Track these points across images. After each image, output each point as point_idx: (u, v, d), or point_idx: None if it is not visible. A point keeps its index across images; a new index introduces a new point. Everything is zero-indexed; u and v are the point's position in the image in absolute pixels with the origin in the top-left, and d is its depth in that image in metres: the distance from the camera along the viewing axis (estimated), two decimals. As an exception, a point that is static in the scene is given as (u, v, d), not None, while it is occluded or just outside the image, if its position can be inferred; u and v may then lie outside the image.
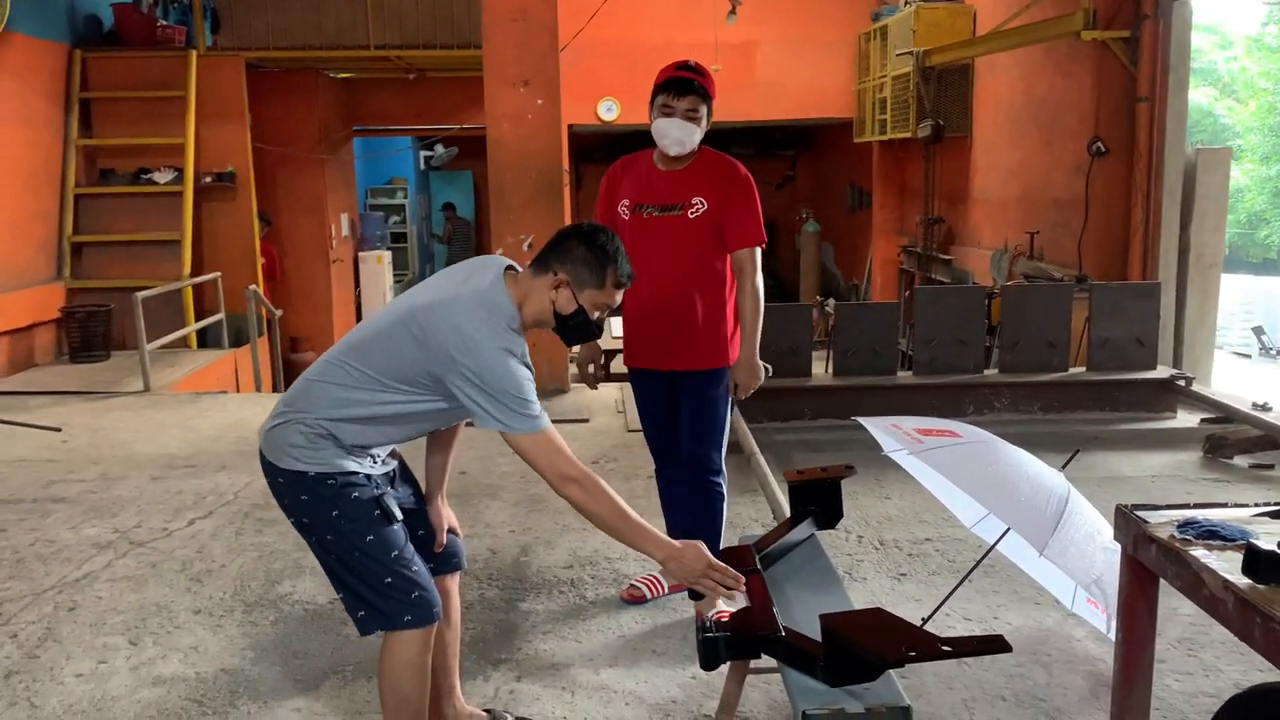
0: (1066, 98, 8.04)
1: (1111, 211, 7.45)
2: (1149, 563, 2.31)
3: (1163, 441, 5.79)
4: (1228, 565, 2.06)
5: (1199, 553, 2.15)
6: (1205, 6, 20.99)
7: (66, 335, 8.76)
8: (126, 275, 9.07)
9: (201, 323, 9.27)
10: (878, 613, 2.05)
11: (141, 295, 7.77)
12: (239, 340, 9.40)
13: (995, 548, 2.92)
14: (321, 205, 11.88)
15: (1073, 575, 2.77)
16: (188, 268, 9.29)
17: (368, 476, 2.44)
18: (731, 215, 3.39)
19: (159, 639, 3.56)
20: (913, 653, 1.87)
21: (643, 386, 3.64)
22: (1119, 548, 2.43)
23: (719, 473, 3.53)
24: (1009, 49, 8.61)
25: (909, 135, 10.39)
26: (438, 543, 2.70)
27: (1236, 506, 2.43)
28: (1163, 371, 6.21)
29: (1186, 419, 6.08)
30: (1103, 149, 7.34)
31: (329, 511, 2.38)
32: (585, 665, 3.32)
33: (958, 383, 6.15)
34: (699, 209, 3.37)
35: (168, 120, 9.54)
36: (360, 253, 13.52)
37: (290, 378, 10.03)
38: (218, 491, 5.15)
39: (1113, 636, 2.55)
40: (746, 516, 4.66)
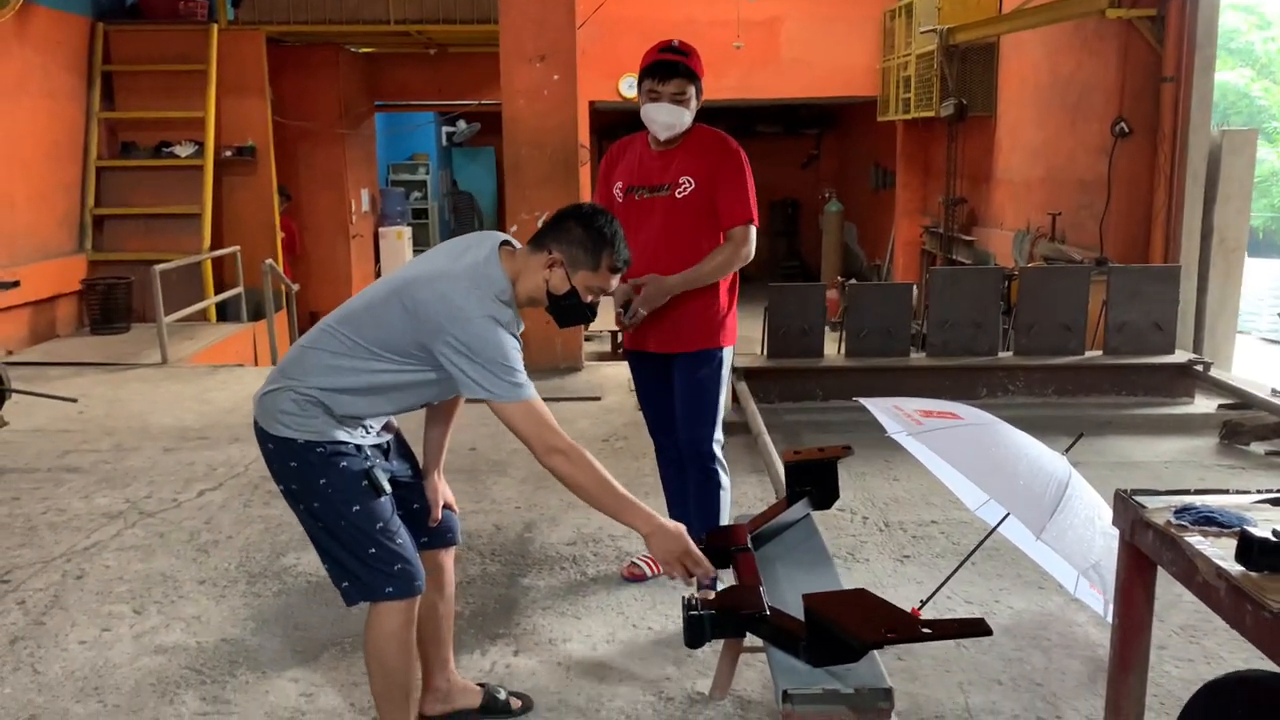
0: (1092, 77, 7.91)
1: (1134, 193, 7.35)
2: (1146, 548, 2.29)
3: (1179, 427, 5.71)
4: (1222, 552, 2.04)
5: (1194, 539, 2.12)
6: (1242, -15, 20.59)
7: (87, 307, 8.85)
8: (147, 248, 9.14)
9: (220, 296, 9.34)
10: (860, 594, 2.04)
11: (160, 268, 7.83)
12: (258, 314, 9.45)
13: (999, 531, 2.89)
14: (342, 180, 11.91)
15: (1070, 560, 2.73)
16: (207, 241, 9.35)
17: (357, 447, 2.45)
18: (721, 193, 3.34)
19: (163, 608, 3.60)
20: (891, 634, 1.86)
21: (639, 369, 3.64)
22: (1118, 533, 2.41)
23: (715, 459, 3.49)
24: (1034, 27, 8.49)
25: (932, 114, 10.29)
26: (432, 517, 2.71)
27: (1237, 493, 2.40)
28: (1180, 356, 6.12)
29: (1204, 404, 6.00)
30: (1126, 129, 7.22)
31: (317, 479, 2.39)
32: (582, 641, 3.33)
33: (972, 365, 6.09)
34: (686, 188, 3.33)
35: (189, 94, 9.58)
36: (381, 228, 13.56)
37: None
38: (229, 463, 5.19)
39: (1110, 620, 2.53)
40: (753, 496, 4.64)
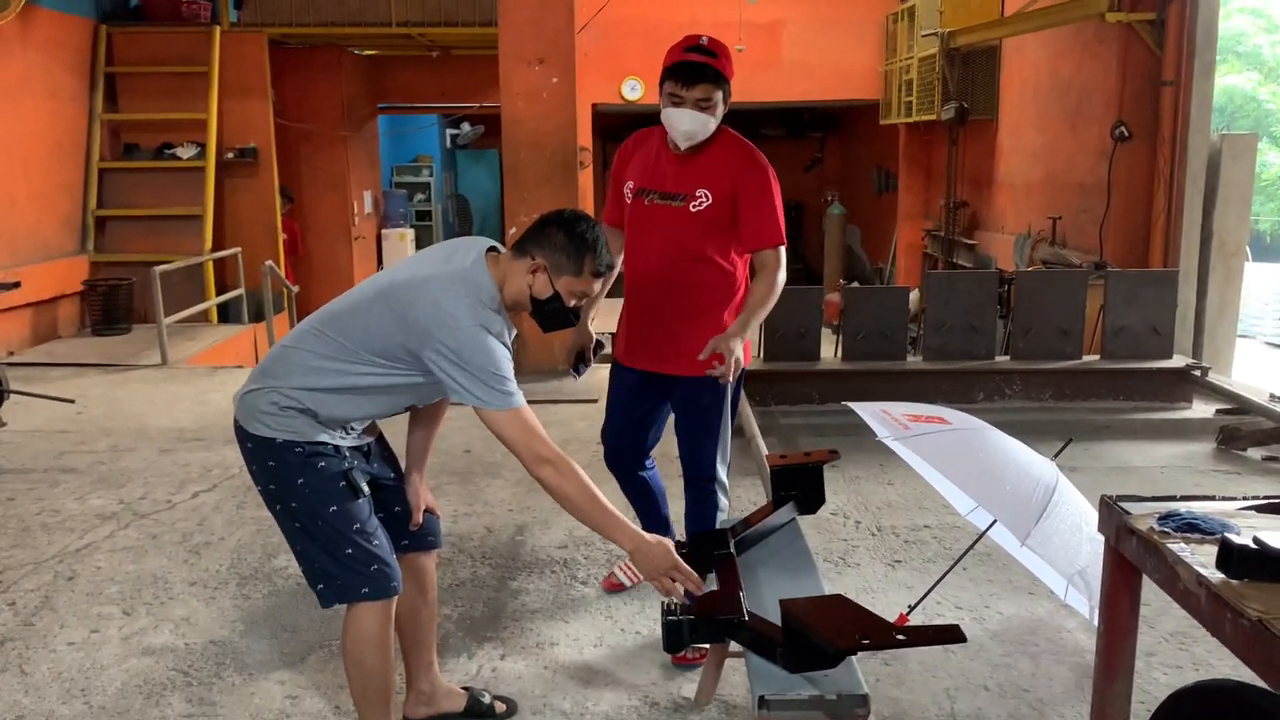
0: (1092, 80, 7.90)
1: (1134, 197, 7.33)
2: (1130, 555, 2.28)
3: (1176, 432, 5.70)
4: (1203, 559, 2.03)
5: (1176, 546, 2.12)
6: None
7: (89, 308, 8.88)
8: (149, 249, 9.16)
9: (222, 298, 9.36)
10: (838, 600, 2.04)
11: (160, 269, 7.86)
12: (259, 316, 9.47)
13: (990, 536, 2.88)
14: (344, 182, 11.93)
15: (1056, 566, 2.72)
16: (209, 243, 9.37)
17: (336, 448, 2.45)
18: (746, 212, 3.07)
19: (152, 609, 3.60)
20: (866, 640, 1.85)
21: (622, 383, 3.38)
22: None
23: (713, 479, 3.29)
24: (1033, 31, 8.47)
25: (934, 118, 10.27)
26: (413, 521, 2.70)
27: (1223, 499, 2.39)
28: (1178, 361, 6.10)
29: (1202, 409, 5.98)
30: (1126, 133, 7.20)
31: (295, 479, 2.39)
32: (570, 645, 3.33)
33: (968, 369, 6.08)
34: (703, 202, 3.06)
35: (191, 95, 9.61)
36: (383, 230, 13.58)
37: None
38: (224, 465, 5.19)
39: (1096, 623, 2.52)
40: (746, 500, 4.64)
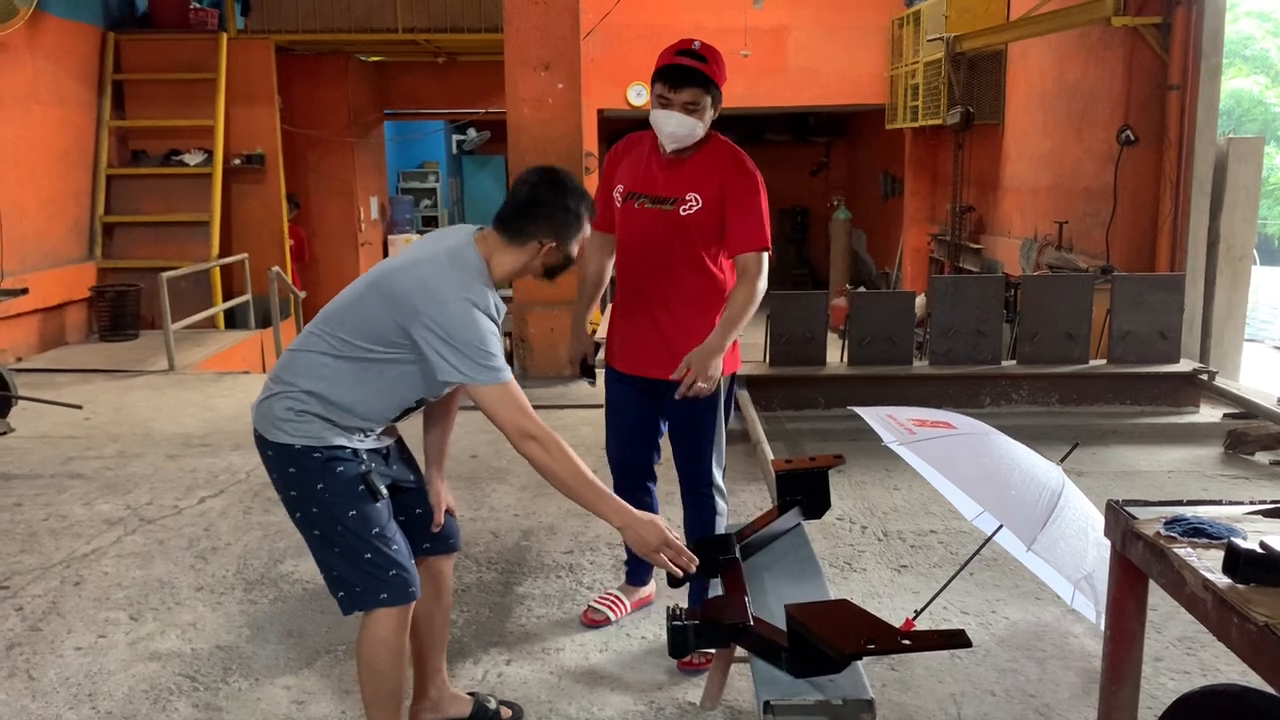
0: (1099, 85, 7.89)
1: (1140, 201, 7.32)
2: (1136, 559, 2.27)
3: (1183, 436, 5.68)
4: (1210, 564, 2.02)
5: (1182, 550, 2.11)
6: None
7: (96, 314, 8.90)
8: (156, 256, 9.19)
9: (229, 303, 9.39)
10: (843, 604, 2.04)
11: (168, 275, 7.88)
12: (266, 321, 9.49)
13: (995, 541, 2.87)
14: (351, 188, 11.97)
15: (1062, 571, 2.72)
16: (216, 249, 9.41)
17: (354, 452, 2.45)
18: (732, 216, 3.08)
19: (159, 614, 3.61)
20: (871, 645, 1.85)
21: (617, 390, 3.35)
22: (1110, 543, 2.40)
23: (711, 484, 3.27)
24: (1038, 35, 8.46)
25: (940, 122, 10.27)
26: (435, 521, 2.71)
27: (1230, 504, 2.39)
28: (1185, 365, 6.09)
29: (1210, 414, 5.96)
30: (1132, 137, 7.19)
31: (314, 485, 2.40)
32: (575, 650, 3.33)
33: (975, 374, 6.07)
34: (693, 206, 3.07)
35: (198, 102, 9.66)
36: (390, 236, 13.62)
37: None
38: (230, 470, 5.21)
39: (1102, 628, 2.52)
40: (752, 504, 4.63)
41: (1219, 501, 2.42)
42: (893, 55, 11.74)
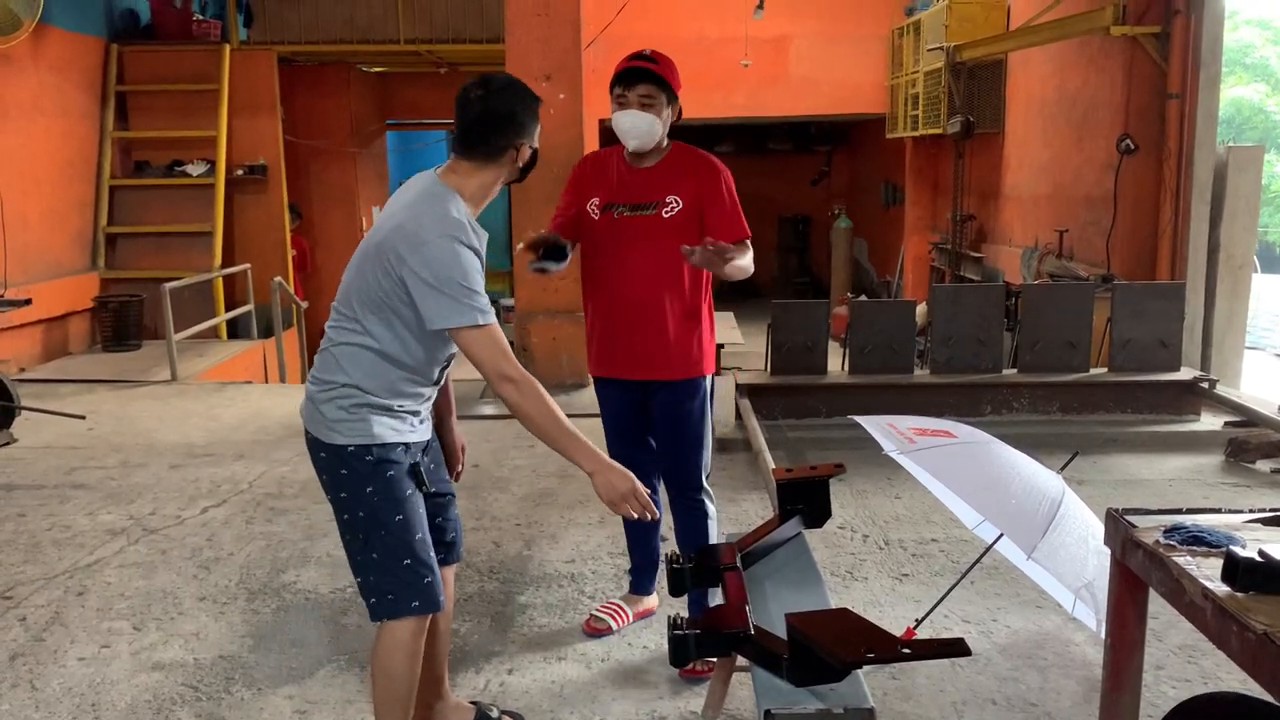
0: (1098, 94, 7.91)
1: (1140, 210, 7.33)
2: (1136, 568, 2.28)
3: (1184, 444, 5.68)
4: (1209, 572, 2.03)
5: (1181, 559, 2.12)
6: (1257, 1, 20.52)
7: (100, 325, 8.92)
8: (159, 266, 9.21)
9: (231, 313, 9.41)
10: (843, 613, 2.04)
11: (170, 286, 7.91)
12: (268, 331, 9.51)
13: (996, 549, 2.88)
14: (353, 198, 11.98)
15: (1063, 579, 2.73)
16: (219, 259, 9.42)
17: (405, 447, 2.49)
18: (712, 213, 3.18)
19: (162, 624, 3.62)
20: (871, 654, 1.86)
21: (609, 398, 3.40)
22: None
23: (700, 489, 3.34)
24: (1038, 44, 8.49)
25: (940, 131, 10.30)
26: (455, 466, 2.82)
27: (1229, 512, 2.40)
28: (1186, 373, 6.09)
29: (1210, 422, 5.96)
30: (1132, 146, 7.21)
31: (364, 487, 2.44)
32: (577, 660, 3.33)
33: (975, 382, 6.08)
34: (674, 208, 3.16)
35: (201, 113, 9.68)
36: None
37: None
38: (233, 480, 5.22)
39: (1103, 636, 2.52)
40: (753, 513, 4.64)
41: (1218, 509, 2.43)
42: (893, 65, 11.77)
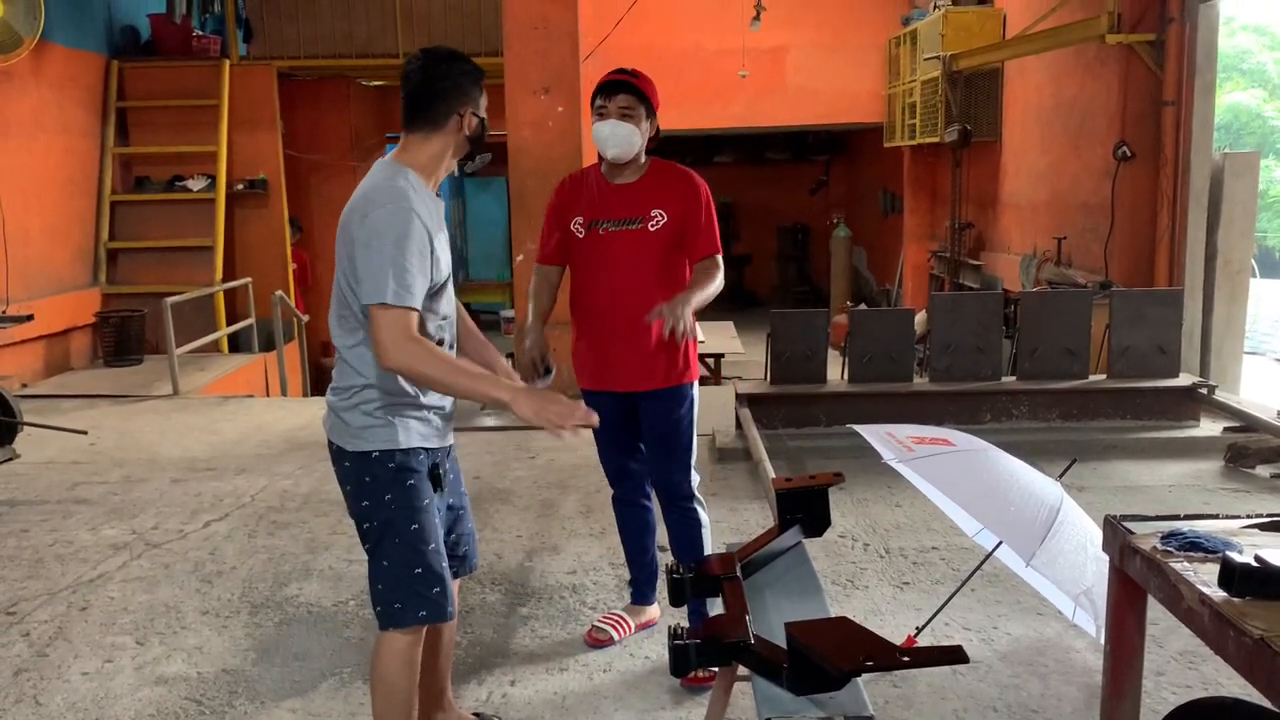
0: (1094, 101, 7.94)
1: (1138, 217, 7.35)
2: (1134, 574, 2.30)
3: (1184, 450, 5.69)
4: (1205, 578, 2.05)
5: (1179, 565, 2.13)
6: (1253, 6, 20.57)
7: (101, 340, 8.94)
8: (160, 281, 9.24)
9: (232, 328, 9.43)
10: (842, 622, 2.05)
11: (171, 300, 7.93)
12: (269, 345, 9.53)
13: (996, 557, 2.89)
14: (353, 211, 12.00)
15: (1062, 586, 2.74)
16: (219, 274, 9.45)
17: (427, 452, 2.51)
18: (691, 228, 3.26)
19: (165, 639, 3.63)
20: (870, 662, 1.87)
21: (601, 410, 3.38)
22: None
23: (691, 497, 3.39)
24: (1034, 53, 8.52)
25: (938, 140, 10.33)
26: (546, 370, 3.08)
27: (1227, 518, 2.41)
28: (1185, 379, 6.11)
29: (1210, 427, 5.97)
30: (1128, 153, 7.24)
31: (383, 495, 2.47)
32: (579, 671, 3.34)
33: (975, 390, 6.09)
34: (659, 221, 3.22)
35: (202, 128, 9.73)
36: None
37: (319, 382, 10.17)
38: (235, 494, 5.23)
39: (1103, 642, 2.53)
40: (754, 523, 4.65)
41: (1216, 515, 2.45)
42: (890, 74, 11.81)
